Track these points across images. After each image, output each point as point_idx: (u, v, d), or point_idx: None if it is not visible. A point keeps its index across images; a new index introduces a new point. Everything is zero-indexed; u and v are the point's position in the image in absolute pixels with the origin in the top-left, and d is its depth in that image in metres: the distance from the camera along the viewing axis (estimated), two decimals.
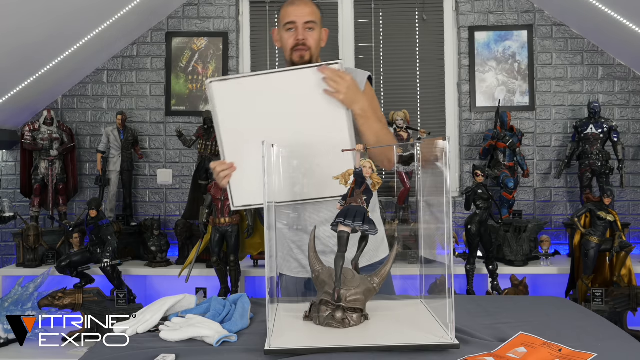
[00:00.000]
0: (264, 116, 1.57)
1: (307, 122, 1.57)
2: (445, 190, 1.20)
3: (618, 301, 2.70)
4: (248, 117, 1.58)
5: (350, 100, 1.55)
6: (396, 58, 3.69)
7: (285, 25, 1.71)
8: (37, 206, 3.37)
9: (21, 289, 2.97)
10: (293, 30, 1.70)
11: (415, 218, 1.56)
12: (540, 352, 1.12)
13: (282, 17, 1.73)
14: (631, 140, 3.56)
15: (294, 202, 1.64)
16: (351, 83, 1.55)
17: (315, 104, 1.56)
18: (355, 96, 1.56)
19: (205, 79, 3.65)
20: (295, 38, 1.70)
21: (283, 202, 1.61)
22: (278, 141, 1.42)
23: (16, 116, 3.53)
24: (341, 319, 1.26)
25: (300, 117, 1.56)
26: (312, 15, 1.70)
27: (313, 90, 1.55)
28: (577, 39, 3.59)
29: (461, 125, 3.63)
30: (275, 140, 1.38)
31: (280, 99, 1.56)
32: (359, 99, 1.57)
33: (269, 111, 1.57)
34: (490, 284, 2.99)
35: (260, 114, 1.57)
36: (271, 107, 1.57)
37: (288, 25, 1.70)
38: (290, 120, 1.56)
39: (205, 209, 2.96)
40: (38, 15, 2.70)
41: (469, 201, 2.96)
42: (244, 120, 1.58)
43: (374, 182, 1.33)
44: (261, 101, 1.57)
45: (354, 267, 1.38)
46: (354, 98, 1.56)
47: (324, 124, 1.57)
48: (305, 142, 1.47)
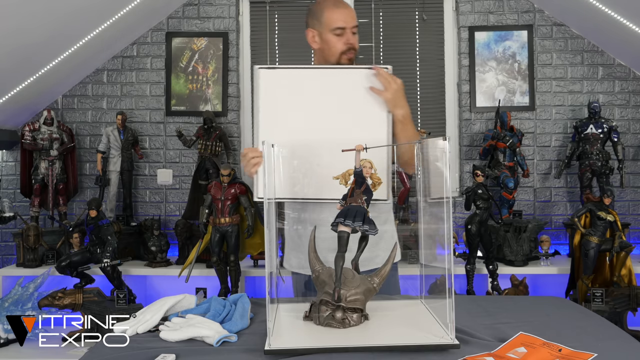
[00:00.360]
0: (305, 108, 1.59)
1: (347, 119, 1.58)
2: (445, 190, 1.20)
3: (618, 301, 2.70)
4: (289, 107, 1.60)
5: (394, 103, 1.58)
6: (396, 58, 3.69)
7: (334, 30, 1.72)
8: (37, 206, 3.37)
9: (21, 289, 2.97)
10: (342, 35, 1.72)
11: (415, 218, 1.56)
12: (540, 352, 1.12)
13: (327, 21, 1.72)
14: (631, 140, 3.56)
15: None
16: (400, 87, 1.59)
17: (359, 103, 1.59)
18: (400, 101, 1.59)
19: (205, 79, 3.67)
20: (346, 42, 1.72)
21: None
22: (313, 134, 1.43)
23: (16, 116, 3.53)
24: (341, 319, 1.26)
25: (341, 114, 1.58)
26: (356, 19, 1.74)
27: (359, 90, 1.58)
28: (577, 39, 3.59)
29: (461, 125, 3.63)
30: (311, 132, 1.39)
31: (324, 94, 1.59)
32: (403, 104, 1.61)
33: (311, 104, 1.59)
34: (490, 284, 2.99)
35: (301, 106, 1.59)
36: (314, 101, 1.59)
37: (337, 31, 1.71)
38: (331, 116, 1.58)
39: (205, 209, 2.96)
40: (38, 15, 2.70)
41: (469, 201, 2.96)
42: (284, 110, 1.60)
43: (374, 182, 1.33)
44: (305, 93, 1.59)
45: (354, 267, 1.38)
46: (399, 102, 1.59)
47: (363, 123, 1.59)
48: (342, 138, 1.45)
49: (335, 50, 1.74)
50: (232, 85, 3.66)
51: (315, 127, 1.57)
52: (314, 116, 1.59)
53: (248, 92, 3.75)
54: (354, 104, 1.59)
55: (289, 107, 1.60)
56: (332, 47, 1.74)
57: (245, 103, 3.75)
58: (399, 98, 1.59)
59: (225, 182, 2.92)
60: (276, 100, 1.60)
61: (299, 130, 1.58)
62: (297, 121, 1.58)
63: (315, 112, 1.59)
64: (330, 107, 1.59)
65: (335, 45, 1.73)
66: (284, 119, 1.60)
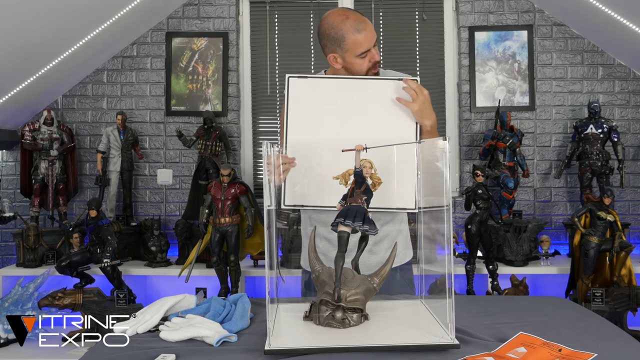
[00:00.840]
0: (332, 117, 1.60)
1: (375, 129, 1.59)
2: (445, 190, 1.20)
3: (618, 301, 2.70)
4: (317, 116, 1.61)
5: (422, 114, 1.59)
6: (396, 58, 3.69)
7: (360, 55, 1.67)
8: (37, 206, 3.37)
9: (21, 289, 2.97)
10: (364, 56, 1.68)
11: (415, 218, 1.56)
12: (540, 352, 1.12)
13: (351, 47, 1.66)
14: (631, 140, 3.56)
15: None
16: (427, 98, 1.60)
17: (388, 115, 1.60)
18: (427, 112, 1.60)
19: (205, 79, 3.67)
20: (371, 60, 1.69)
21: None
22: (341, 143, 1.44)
23: (16, 116, 3.53)
24: (341, 319, 1.26)
25: (370, 124, 1.60)
26: (374, 33, 1.70)
27: (388, 101, 1.60)
28: (577, 39, 3.59)
29: (461, 125, 3.63)
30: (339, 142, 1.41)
31: (352, 104, 1.61)
32: (430, 115, 1.62)
33: (339, 113, 1.60)
34: (490, 284, 2.99)
35: (330, 115, 1.61)
36: (341, 110, 1.61)
37: (361, 55, 1.67)
38: (358, 125, 1.59)
39: (205, 209, 2.96)
40: (39, 15, 2.70)
41: (469, 201, 2.96)
42: (312, 118, 1.61)
43: (374, 182, 1.33)
44: (334, 103, 1.61)
45: (354, 267, 1.38)
46: (426, 113, 1.60)
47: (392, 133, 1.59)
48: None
49: (360, 71, 1.71)
50: (232, 85, 3.67)
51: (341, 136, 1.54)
52: (341, 125, 1.60)
53: (248, 92, 3.75)
54: (382, 114, 1.61)
55: (317, 116, 1.61)
56: (357, 68, 1.70)
57: (245, 103, 3.75)
58: (426, 109, 1.60)
59: (225, 182, 2.92)
60: (304, 110, 1.61)
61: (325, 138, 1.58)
62: (324, 130, 1.59)
63: (343, 121, 1.60)
64: (358, 116, 1.60)
65: (361, 67, 1.70)
66: (311, 127, 1.60)
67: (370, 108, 1.61)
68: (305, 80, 1.63)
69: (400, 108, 1.60)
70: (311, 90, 1.62)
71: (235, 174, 2.99)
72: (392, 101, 1.60)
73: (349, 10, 1.69)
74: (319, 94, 1.62)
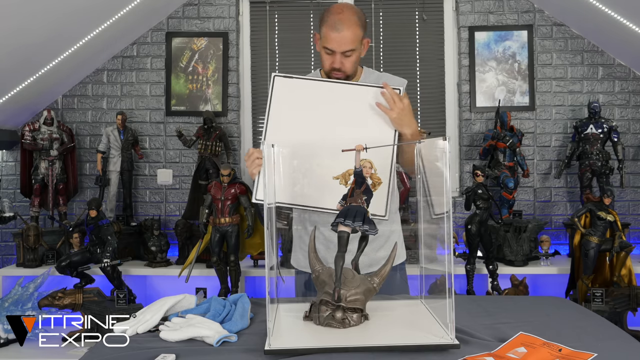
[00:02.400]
0: (313, 119, 1.62)
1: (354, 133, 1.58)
2: (445, 190, 1.20)
3: (618, 301, 2.70)
4: (297, 117, 1.63)
5: (400, 122, 1.60)
6: (396, 58, 3.69)
7: (325, 48, 1.69)
8: (37, 206, 3.37)
9: (21, 289, 2.97)
10: (331, 54, 1.69)
11: (415, 218, 1.56)
12: (540, 352, 1.12)
13: (323, 36, 1.69)
14: (631, 140, 3.56)
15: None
16: (405, 107, 1.60)
17: (367, 120, 1.62)
18: (406, 120, 1.61)
19: (205, 79, 3.67)
20: (331, 64, 1.70)
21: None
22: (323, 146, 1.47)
23: (16, 116, 3.53)
24: (341, 319, 1.26)
25: (348, 128, 1.61)
26: (352, 43, 1.67)
27: (368, 107, 1.62)
28: (577, 39, 3.59)
29: (461, 125, 3.63)
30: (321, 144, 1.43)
31: (335, 108, 1.63)
32: (411, 123, 1.62)
33: (320, 115, 1.62)
34: (490, 284, 2.99)
35: (310, 117, 1.63)
36: (322, 112, 1.63)
37: (327, 50, 1.69)
38: (337, 128, 1.61)
39: (205, 209, 2.96)
40: (38, 15, 2.70)
41: (469, 201, 2.96)
42: (292, 118, 1.63)
43: (374, 182, 1.33)
44: (315, 105, 1.63)
45: (354, 267, 1.38)
46: (405, 122, 1.61)
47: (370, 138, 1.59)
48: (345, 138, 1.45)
49: (324, 64, 1.73)
50: (232, 85, 3.67)
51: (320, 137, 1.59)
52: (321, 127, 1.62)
53: (248, 92, 3.75)
54: (362, 119, 1.62)
55: (298, 115, 1.63)
56: (323, 59, 1.74)
57: (245, 103, 3.75)
58: (404, 117, 1.60)
59: (225, 182, 2.92)
60: (286, 109, 1.63)
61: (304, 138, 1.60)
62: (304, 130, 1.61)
63: (323, 123, 1.62)
64: (338, 120, 1.62)
65: (324, 61, 1.73)
66: (291, 126, 1.62)
67: (351, 113, 1.63)
68: (291, 80, 1.66)
69: (380, 115, 1.62)
70: (296, 90, 1.65)
71: (235, 174, 2.99)
72: (374, 108, 1.62)
73: (350, 11, 1.69)
74: (303, 95, 1.64)
